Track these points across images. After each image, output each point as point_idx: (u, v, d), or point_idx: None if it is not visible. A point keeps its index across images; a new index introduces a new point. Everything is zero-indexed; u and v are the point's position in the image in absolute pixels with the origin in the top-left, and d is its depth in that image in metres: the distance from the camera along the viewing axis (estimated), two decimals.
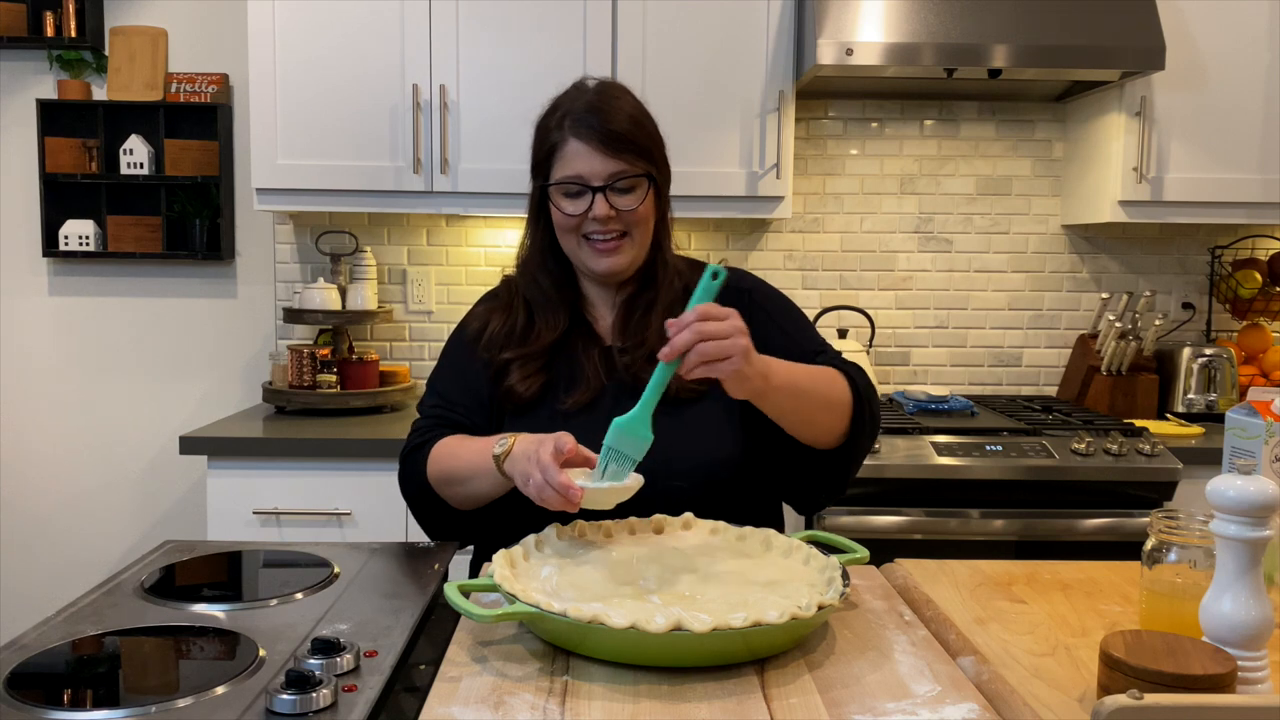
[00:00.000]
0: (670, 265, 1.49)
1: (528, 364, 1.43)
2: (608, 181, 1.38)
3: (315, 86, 2.62)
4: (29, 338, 3.05)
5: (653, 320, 1.43)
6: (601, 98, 1.41)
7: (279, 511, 2.41)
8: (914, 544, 2.32)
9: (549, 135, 1.41)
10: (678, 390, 1.39)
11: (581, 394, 1.41)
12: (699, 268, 1.51)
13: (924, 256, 3.06)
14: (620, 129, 1.39)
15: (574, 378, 1.44)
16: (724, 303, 1.46)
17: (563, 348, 1.46)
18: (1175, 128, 2.67)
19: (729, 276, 1.52)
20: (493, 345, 1.46)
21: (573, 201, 1.39)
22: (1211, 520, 0.90)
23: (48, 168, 2.92)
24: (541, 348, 1.44)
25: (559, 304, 1.47)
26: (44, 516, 3.07)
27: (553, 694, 0.92)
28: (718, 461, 1.40)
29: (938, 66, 2.49)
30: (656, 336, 1.41)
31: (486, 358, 1.46)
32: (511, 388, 1.43)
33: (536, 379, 1.43)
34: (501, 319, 1.48)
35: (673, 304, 1.44)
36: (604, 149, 1.37)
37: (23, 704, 0.89)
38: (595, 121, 1.38)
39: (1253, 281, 2.91)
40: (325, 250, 2.94)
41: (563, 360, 1.45)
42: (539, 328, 1.46)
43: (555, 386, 1.43)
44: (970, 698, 0.91)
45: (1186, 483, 2.34)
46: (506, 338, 1.46)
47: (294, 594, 1.18)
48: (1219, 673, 0.82)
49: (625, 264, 1.43)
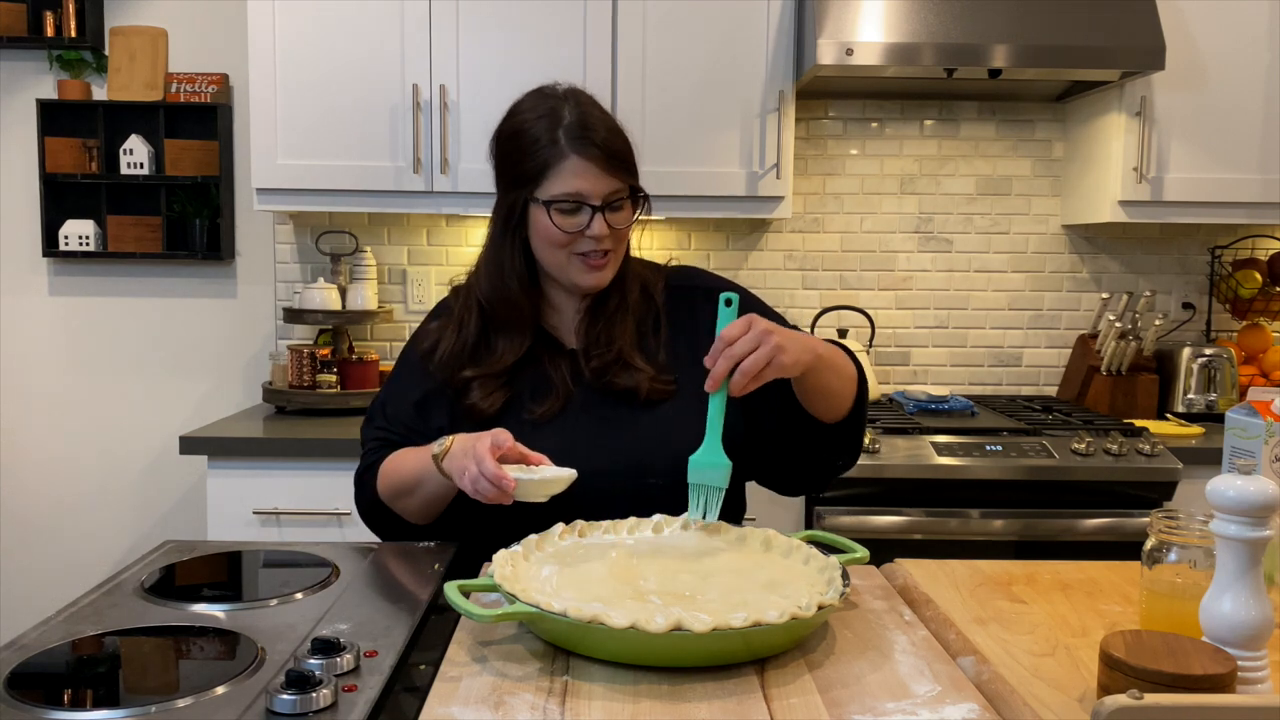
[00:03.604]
0: (633, 269, 1.49)
1: (488, 382, 1.42)
2: (606, 200, 1.36)
3: (315, 86, 2.62)
4: (29, 338, 3.05)
5: (619, 325, 1.44)
6: (586, 110, 1.39)
7: (279, 511, 2.41)
8: (914, 544, 2.32)
9: (539, 148, 1.36)
10: (649, 391, 1.40)
11: (551, 403, 1.41)
12: (654, 268, 1.54)
13: (924, 256, 3.06)
14: (617, 147, 1.38)
15: (540, 388, 1.42)
16: (691, 304, 1.49)
17: (525, 360, 1.44)
18: (1175, 128, 2.67)
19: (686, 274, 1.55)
20: (447, 364, 1.44)
21: (569, 218, 1.36)
22: (1211, 520, 0.90)
23: (48, 168, 2.92)
24: (503, 368, 1.42)
25: (525, 320, 1.44)
26: (44, 516, 3.07)
27: (553, 694, 0.92)
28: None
29: (938, 66, 2.49)
30: (626, 340, 1.43)
31: (443, 377, 1.43)
32: (474, 405, 1.41)
33: (499, 395, 1.41)
34: (453, 336, 1.45)
35: (635, 306, 1.46)
36: (605, 167, 1.36)
37: (23, 704, 0.89)
38: (595, 137, 1.36)
39: (1253, 281, 2.91)
40: (325, 250, 2.94)
41: (526, 372, 1.43)
42: (500, 348, 1.43)
43: (520, 398, 1.42)
44: (970, 698, 0.91)
45: (1186, 483, 2.34)
46: (460, 355, 1.43)
47: (294, 594, 1.18)
48: (1219, 673, 0.82)
49: (609, 278, 1.43)
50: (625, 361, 1.42)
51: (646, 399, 1.40)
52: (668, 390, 1.41)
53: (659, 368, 1.43)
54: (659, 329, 1.47)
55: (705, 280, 1.55)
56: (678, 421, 1.39)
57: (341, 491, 2.40)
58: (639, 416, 1.41)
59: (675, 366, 1.44)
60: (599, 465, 1.29)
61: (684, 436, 1.37)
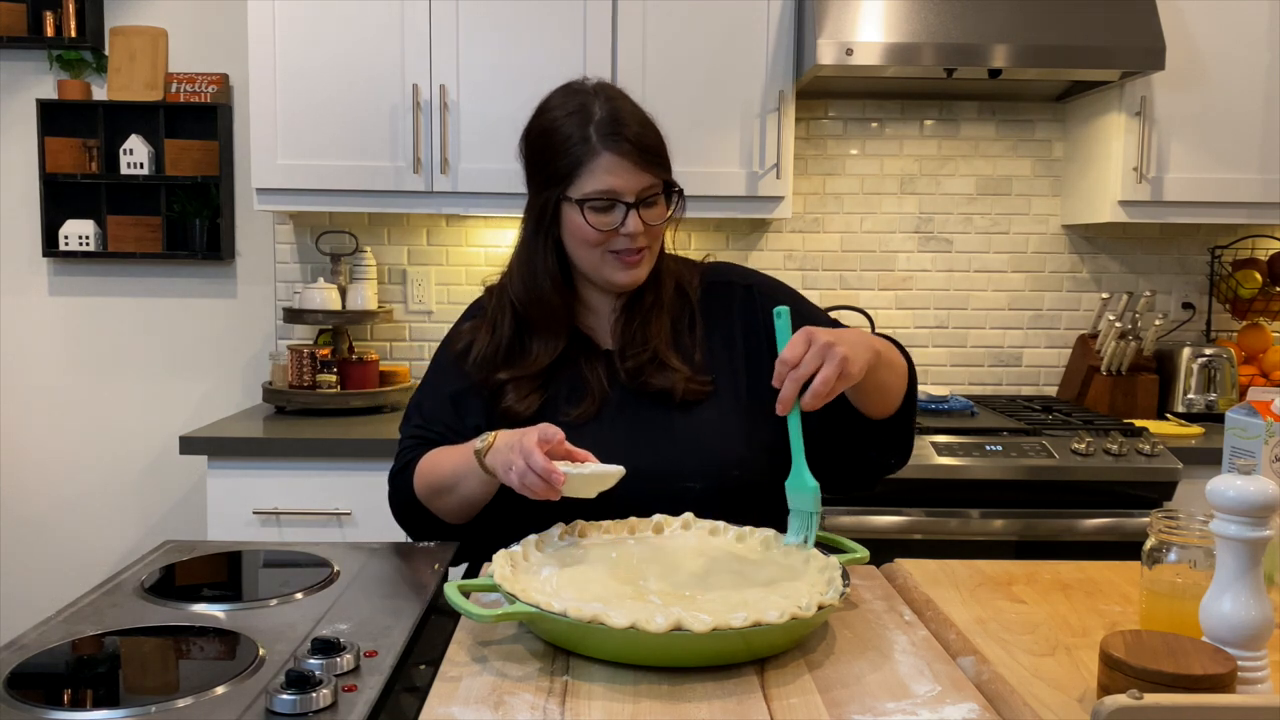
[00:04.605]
0: (667, 266, 1.47)
1: (523, 384, 1.40)
2: (640, 197, 1.34)
3: (315, 86, 2.62)
4: (29, 338, 3.05)
5: (655, 323, 1.42)
6: (617, 105, 1.37)
7: (279, 511, 2.41)
8: (914, 544, 2.32)
9: (571, 146, 1.34)
10: (684, 392, 1.38)
11: (587, 406, 1.38)
12: (690, 265, 1.53)
13: (924, 256, 3.06)
14: (650, 141, 1.36)
15: (575, 390, 1.40)
16: (727, 300, 1.48)
17: (560, 361, 1.42)
18: (1175, 128, 2.67)
19: (722, 270, 1.53)
20: (482, 365, 1.42)
21: (603, 216, 1.34)
22: (1211, 520, 0.90)
23: (48, 168, 2.92)
24: (539, 369, 1.41)
25: (559, 321, 1.42)
26: (44, 516, 3.07)
27: (553, 694, 0.92)
28: (729, 461, 1.37)
29: (938, 66, 2.49)
30: (661, 339, 1.41)
31: (479, 377, 1.42)
32: (509, 408, 1.39)
33: (535, 397, 1.39)
34: (487, 337, 1.43)
35: (670, 304, 1.44)
36: (638, 162, 1.33)
37: (23, 704, 0.89)
38: (627, 133, 1.33)
39: (1253, 281, 2.91)
40: (325, 250, 2.94)
41: (562, 374, 1.42)
42: (534, 350, 1.41)
43: (555, 401, 1.40)
44: (970, 698, 0.91)
45: (1186, 483, 2.34)
46: (494, 357, 1.42)
47: (294, 594, 1.18)
48: (1219, 673, 0.82)
49: (645, 275, 1.41)
50: (660, 361, 1.40)
51: (682, 400, 1.38)
52: (704, 391, 1.39)
53: (695, 367, 1.41)
54: (694, 327, 1.45)
55: (739, 275, 1.53)
56: (714, 424, 1.38)
57: (341, 491, 2.42)
58: (674, 419, 1.38)
59: (711, 366, 1.42)
60: (635, 469, 1.24)
61: (719, 439, 1.37)
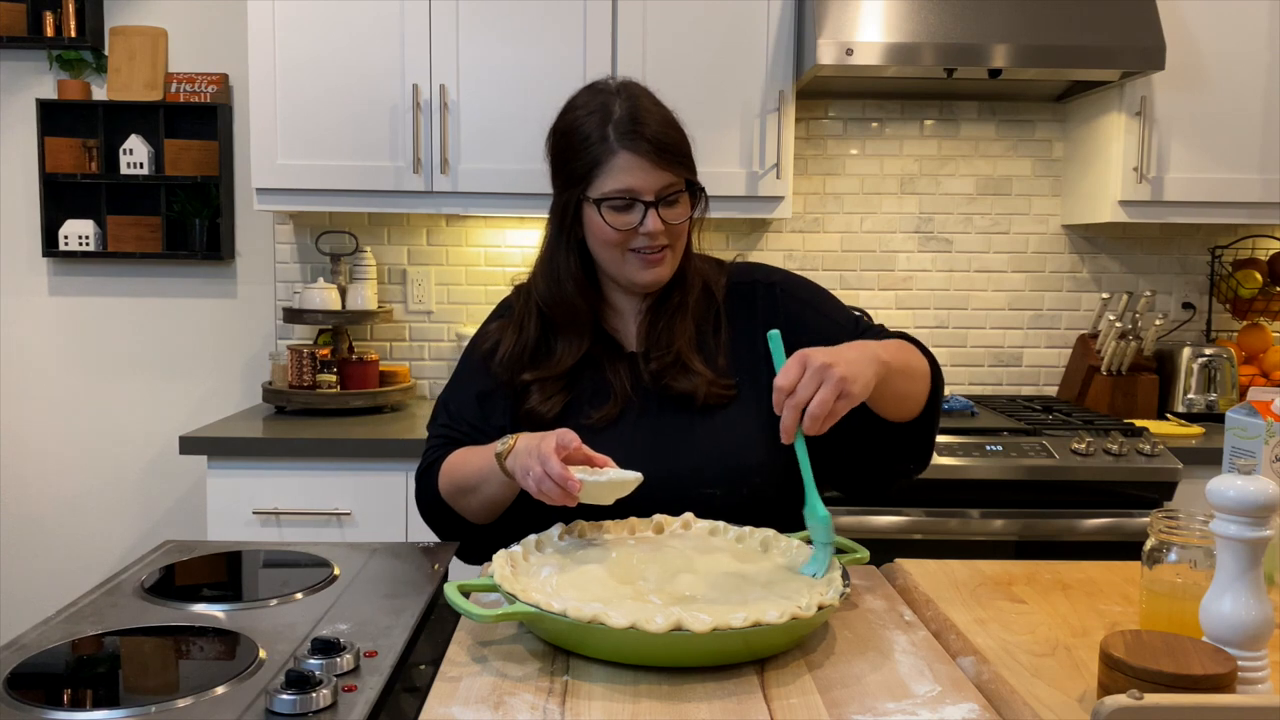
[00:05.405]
0: (695, 267, 1.46)
1: (548, 385, 1.39)
2: (659, 195, 1.34)
3: (315, 86, 2.62)
4: (29, 338, 3.05)
5: (679, 325, 1.41)
6: (638, 103, 1.36)
7: (279, 511, 2.41)
8: (914, 544, 2.32)
9: (590, 146, 1.33)
10: (706, 396, 1.37)
11: (609, 409, 1.38)
12: (718, 265, 1.51)
13: (924, 256, 3.06)
14: (670, 140, 1.35)
15: (599, 392, 1.40)
16: (751, 299, 1.46)
17: (585, 363, 1.41)
18: (1175, 128, 2.67)
19: (748, 270, 1.52)
20: (508, 365, 1.42)
21: (622, 215, 1.34)
22: (1211, 520, 0.90)
23: (48, 168, 2.92)
24: (563, 371, 1.40)
25: (584, 321, 1.41)
26: (44, 516, 3.07)
27: (553, 694, 0.92)
28: (749, 467, 1.36)
29: (938, 66, 2.49)
30: (685, 341, 1.40)
31: (505, 378, 1.42)
32: (533, 409, 1.39)
33: (559, 398, 1.39)
34: (513, 337, 1.43)
35: (696, 306, 1.43)
36: (656, 161, 1.33)
37: (23, 704, 0.89)
38: (645, 131, 1.33)
39: (1253, 281, 2.91)
40: (325, 250, 2.94)
41: (586, 375, 1.41)
42: (559, 351, 1.41)
43: (579, 403, 1.40)
44: (970, 698, 0.91)
45: (1186, 483, 2.34)
46: (520, 358, 1.42)
47: (294, 594, 1.18)
48: (1219, 673, 0.82)
49: (667, 275, 1.40)
50: (684, 364, 1.39)
51: (704, 404, 1.37)
52: (727, 395, 1.38)
53: (718, 371, 1.39)
54: (719, 330, 1.43)
55: (763, 274, 1.51)
56: (735, 429, 1.37)
57: (341, 491, 2.42)
58: (696, 424, 1.37)
59: (735, 369, 1.41)
60: (655, 474, 1.23)
61: (741, 445, 1.36)
